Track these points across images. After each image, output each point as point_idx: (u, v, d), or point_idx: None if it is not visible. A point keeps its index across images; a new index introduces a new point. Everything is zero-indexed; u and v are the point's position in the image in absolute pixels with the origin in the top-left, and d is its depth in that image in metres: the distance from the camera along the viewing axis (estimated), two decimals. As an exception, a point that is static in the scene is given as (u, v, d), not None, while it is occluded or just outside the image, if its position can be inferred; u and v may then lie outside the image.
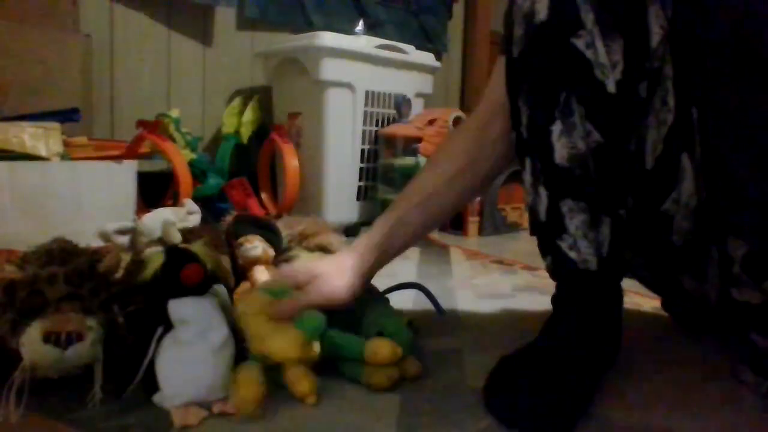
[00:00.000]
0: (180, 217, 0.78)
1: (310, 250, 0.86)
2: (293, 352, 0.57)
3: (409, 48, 1.82)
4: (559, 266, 0.63)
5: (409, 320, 0.68)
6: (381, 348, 0.61)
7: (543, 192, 0.62)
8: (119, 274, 0.63)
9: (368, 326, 0.68)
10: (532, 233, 0.66)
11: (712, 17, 0.59)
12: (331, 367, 0.64)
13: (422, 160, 1.65)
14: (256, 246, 0.82)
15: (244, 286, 0.79)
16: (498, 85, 0.69)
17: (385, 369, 0.61)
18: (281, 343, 0.58)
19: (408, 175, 1.66)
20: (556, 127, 0.59)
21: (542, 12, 0.58)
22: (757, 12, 0.58)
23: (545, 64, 0.59)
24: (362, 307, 0.70)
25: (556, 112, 0.59)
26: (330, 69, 1.60)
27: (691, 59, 0.61)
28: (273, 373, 0.59)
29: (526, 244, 1.63)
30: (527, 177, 0.64)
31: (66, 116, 1.28)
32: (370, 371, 0.61)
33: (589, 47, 0.57)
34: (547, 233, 0.63)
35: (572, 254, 0.61)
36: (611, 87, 0.58)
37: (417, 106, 1.85)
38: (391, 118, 1.77)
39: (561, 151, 0.59)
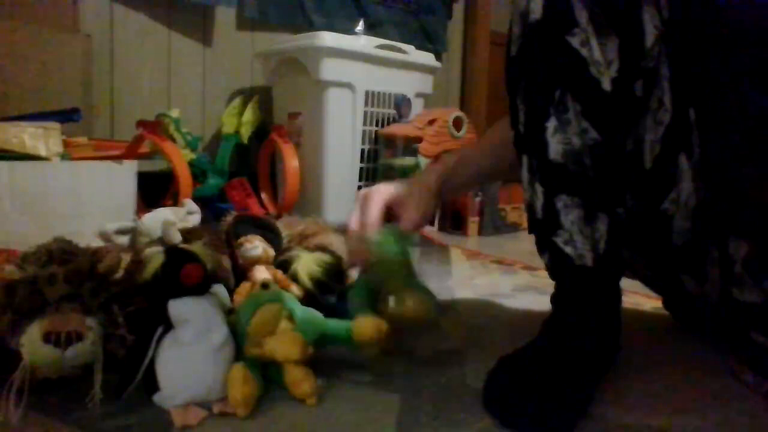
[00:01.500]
0: (180, 217, 0.78)
1: (310, 250, 0.86)
2: (295, 353, 0.57)
3: (409, 48, 1.82)
4: (556, 263, 0.63)
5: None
6: (366, 325, 0.62)
7: (539, 188, 0.62)
8: (119, 274, 0.63)
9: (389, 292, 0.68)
10: (530, 231, 0.66)
11: (709, 18, 0.59)
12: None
13: (422, 160, 1.64)
14: (256, 246, 0.82)
15: (244, 286, 0.79)
16: None
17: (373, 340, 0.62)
18: (282, 345, 0.58)
19: (408, 175, 1.66)
20: (551, 124, 0.59)
21: (537, 10, 0.59)
22: (756, 11, 0.58)
23: (540, 62, 0.60)
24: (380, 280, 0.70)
25: (551, 109, 0.59)
26: (330, 69, 1.60)
27: (688, 60, 0.61)
28: (273, 373, 0.59)
29: (526, 244, 1.63)
30: (525, 174, 0.65)
31: (66, 116, 1.28)
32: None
33: (584, 45, 0.57)
34: (544, 230, 0.63)
35: (568, 249, 0.61)
36: (606, 84, 0.58)
37: (417, 106, 1.85)
38: (391, 118, 1.77)
39: (555, 147, 0.60)
